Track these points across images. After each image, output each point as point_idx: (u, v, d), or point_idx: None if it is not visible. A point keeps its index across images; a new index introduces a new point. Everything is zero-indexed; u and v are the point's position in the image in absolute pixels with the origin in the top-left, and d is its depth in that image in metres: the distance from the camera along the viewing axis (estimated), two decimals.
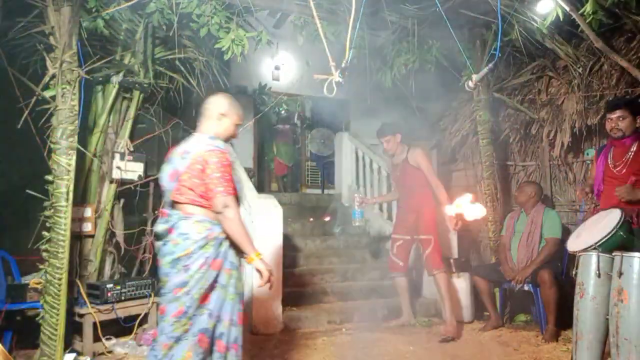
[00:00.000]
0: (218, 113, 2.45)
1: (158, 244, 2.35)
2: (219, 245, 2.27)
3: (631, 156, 3.30)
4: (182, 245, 2.22)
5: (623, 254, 2.64)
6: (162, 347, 2.18)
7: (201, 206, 2.27)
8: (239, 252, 2.34)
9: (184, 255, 2.20)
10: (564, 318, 3.75)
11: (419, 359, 3.53)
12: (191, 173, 2.27)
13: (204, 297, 2.23)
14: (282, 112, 9.70)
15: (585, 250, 2.90)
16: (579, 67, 4.71)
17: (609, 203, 3.26)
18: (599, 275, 2.78)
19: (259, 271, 2.31)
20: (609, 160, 3.42)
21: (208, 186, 2.23)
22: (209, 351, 2.27)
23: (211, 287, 2.24)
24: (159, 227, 2.34)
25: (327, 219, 6.38)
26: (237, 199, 2.33)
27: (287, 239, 5.00)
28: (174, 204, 2.34)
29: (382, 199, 5.53)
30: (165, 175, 2.39)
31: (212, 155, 2.26)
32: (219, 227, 2.27)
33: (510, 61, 5.34)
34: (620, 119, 3.31)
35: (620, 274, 2.61)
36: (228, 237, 2.29)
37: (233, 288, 2.32)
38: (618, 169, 3.34)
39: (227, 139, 2.47)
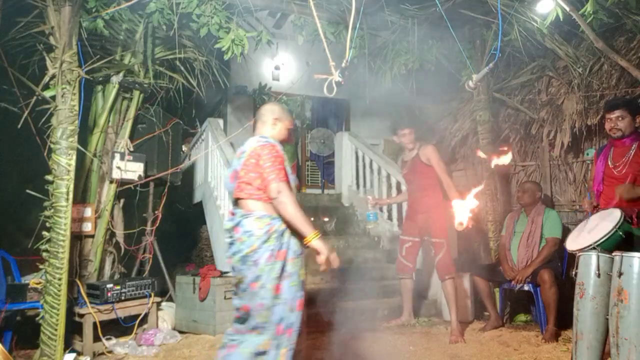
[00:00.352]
0: (273, 118, 2.64)
1: (227, 242, 2.49)
2: (281, 236, 2.40)
3: (631, 156, 3.29)
4: (247, 242, 2.35)
5: (623, 254, 2.64)
6: (247, 333, 2.37)
7: (260, 199, 2.41)
8: (301, 240, 2.44)
9: (251, 251, 2.34)
10: (564, 318, 3.75)
11: (419, 359, 3.53)
12: (247, 168, 2.42)
13: (277, 288, 2.36)
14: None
15: (584, 249, 2.90)
16: (579, 67, 4.71)
17: (609, 203, 3.26)
18: (599, 275, 2.78)
19: (317, 251, 2.38)
20: (608, 161, 3.41)
21: (262, 176, 2.36)
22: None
23: (281, 277, 2.37)
24: (227, 226, 2.50)
25: (327, 219, 6.38)
26: (290, 187, 2.46)
27: None
28: (236, 203, 2.50)
29: (394, 200, 5.34)
30: (227, 179, 2.57)
31: (264, 148, 2.42)
32: (279, 220, 2.40)
33: (510, 61, 5.34)
34: (620, 118, 3.30)
35: (620, 274, 2.60)
36: (289, 227, 2.42)
37: (296, 275, 2.43)
38: (618, 169, 3.34)
39: (281, 142, 2.62)
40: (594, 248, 2.85)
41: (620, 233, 2.87)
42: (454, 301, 4.08)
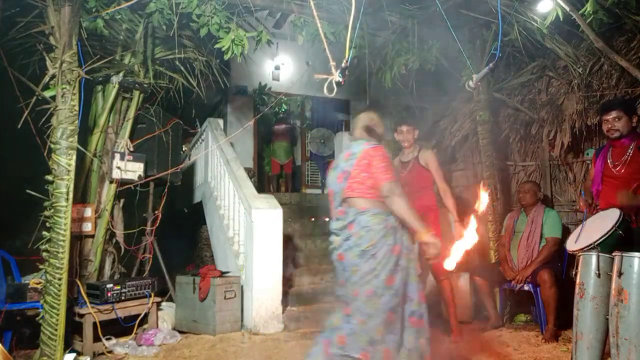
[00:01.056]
0: (371, 124, 2.84)
1: (338, 239, 2.62)
2: (395, 232, 2.56)
3: (630, 156, 3.30)
4: (366, 237, 2.50)
5: (623, 254, 2.64)
6: (358, 322, 2.47)
7: (371, 197, 2.57)
8: (412, 236, 2.61)
9: (370, 245, 2.49)
10: (564, 318, 3.75)
11: None
12: (360, 168, 2.59)
13: (390, 279, 2.50)
14: (280, 112, 9.70)
15: (584, 249, 2.90)
16: (579, 67, 4.71)
17: (608, 203, 3.26)
18: (599, 275, 2.78)
19: (428, 245, 2.52)
20: (608, 161, 3.42)
21: (375, 176, 2.55)
22: (401, 327, 2.55)
23: (395, 270, 2.52)
24: (337, 225, 2.64)
25: (327, 219, 6.37)
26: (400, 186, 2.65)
27: (287, 238, 5.00)
28: (346, 202, 2.64)
29: None
30: (334, 179, 2.73)
31: (375, 150, 2.62)
32: (392, 217, 2.56)
33: (510, 61, 5.33)
34: (616, 119, 3.31)
35: (620, 274, 2.60)
36: (401, 224, 2.57)
37: (413, 270, 2.62)
38: (617, 169, 3.34)
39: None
40: (594, 248, 2.85)
41: (620, 232, 2.87)
42: (452, 301, 4.08)
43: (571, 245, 3.09)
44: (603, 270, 2.77)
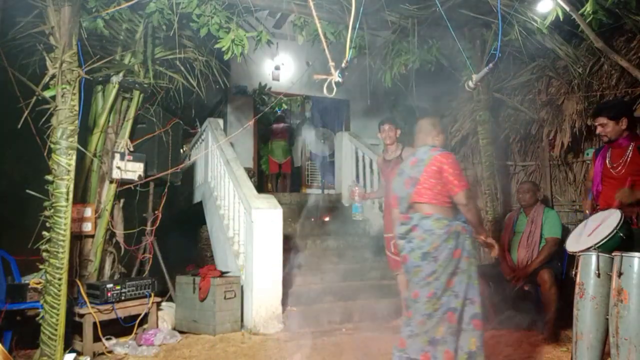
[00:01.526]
0: (435, 130, 2.93)
1: (401, 242, 2.75)
2: (457, 237, 2.64)
3: (629, 157, 3.30)
4: (428, 240, 2.61)
5: (623, 254, 2.64)
6: (418, 323, 2.58)
7: (437, 203, 2.67)
8: (474, 241, 2.75)
9: (432, 248, 2.60)
10: (564, 318, 3.74)
11: None
12: (428, 175, 2.68)
13: (450, 282, 2.60)
14: (279, 111, 9.69)
15: (585, 251, 2.90)
16: (579, 67, 4.71)
17: (608, 203, 3.26)
18: (598, 275, 2.78)
19: (490, 245, 2.81)
20: (607, 162, 3.42)
21: (447, 183, 2.65)
22: (459, 329, 2.61)
23: (454, 273, 2.62)
24: (401, 229, 2.76)
25: (327, 219, 6.38)
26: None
27: (287, 238, 5.00)
28: (412, 207, 2.75)
29: (375, 195, 5.41)
30: (401, 185, 2.82)
31: (446, 157, 2.70)
32: (455, 222, 2.66)
33: (510, 61, 5.34)
34: (602, 125, 3.35)
35: (620, 274, 2.60)
36: (463, 230, 2.67)
37: (475, 273, 2.69)
38: (617, 170, 3.35)
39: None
40: (594, 249, 2.85)
41: (621, 234, 2.87)
42: None
43: (572, 246, 3.09)
44: (603, 270, 2.77)
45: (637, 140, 3.31)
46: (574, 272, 2.96)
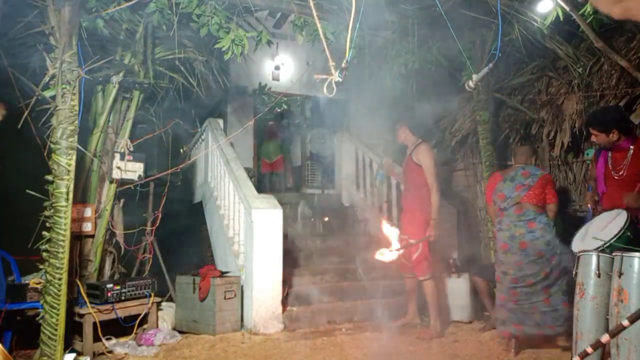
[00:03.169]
0: (533, 155, 4.28)
1: (521, 230, 3.64)
2: (553, 229, 3.68)
3: (630, 159, 3.35)
4: (549, 231, 3.63)
5: (623, 254, 2.64)
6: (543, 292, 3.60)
7: (541, 205, 3.71)
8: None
9: (551, 237, 3.60)
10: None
11: (419, 359, 3.53)
12: (538, 185, 3.72)
13: (551, 259, 3.58)
14: (274, 110, 9.65)
15: (595, 250, 2.91)
16: (579, 67, 4.71)
17: (613, 204, 3.30)
18: (599, 275, 2.78)
19: None
20: (609, 164, 3.48)
21: (547, 195, 3.74)
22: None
23: (556, 254, 3.59)
24: (515, 219, 3.68)
25: (327, 219, 6.37)
26: None
27: (287, 238, 5.00)
28: (519, 205, 3.70)
29: (396, 176, 5.38)
30: (511, 188, 3.78)
31: (550, 177, 3.88)
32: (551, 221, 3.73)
33: (510, 61, 5.33)
34: (594, 136, 3.43)
35: (621, 274, 2.60)
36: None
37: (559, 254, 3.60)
38: (619, 173, 3.40)
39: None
40: (602, 250, 2.86)
41: (629, 233, 2.88)
42: (433, 301, 4.13)
43: (578, 245, 3.10)
44: (603, 270, 2.77)
45: (637, 142, 3.33)
46: (574, 272, 2.97)
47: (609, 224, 3.03)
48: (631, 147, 3.33)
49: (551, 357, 3.46)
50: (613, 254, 2.75)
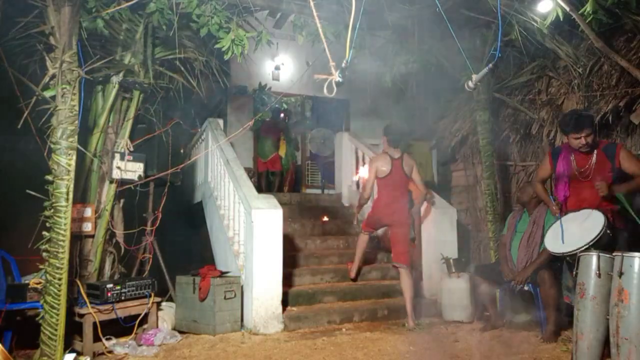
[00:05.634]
0: None
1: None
2: None
3: (594, 162, 3.46)
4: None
5: (624, 254, 2.64)
6: None
7: None
8: None
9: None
10: (564, 318, 3.75)
11: (419, 359, 3.53)
12: None
13: None
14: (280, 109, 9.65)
15: (578, 250, 2.95)
16: (579, 67, 4.71)
17: (580, 205, 3.40)
18: (599, 275, 2.78)
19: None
20: (573, 167, 3.55)
21: None
22: None
23: None
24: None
25: (327, 219, 6.37)
26: None
27: (287, 238, 5.00)
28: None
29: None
30: None
31: None
32: None
33: (510, 61, 5.34)
34: (589, 137, 3.43)
35: (621, 273, 2.61)
36: None
37: None
38: (585, 174, 3.50)
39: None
40: (586, 249, 2.89)
41: (609, 232, 2.96)
42: (407, 290, 4.44)
43: (556, 247, 3.14)
44: (603, 270, 2.77)
45: (599, 145, 3.47)
46: (574, 272, 2.97)
47: (584, 224, 3.12)
48: (594, 150, 3.45)
49: (551, 357, 3.46)
50: (613, 254, 2.76)
